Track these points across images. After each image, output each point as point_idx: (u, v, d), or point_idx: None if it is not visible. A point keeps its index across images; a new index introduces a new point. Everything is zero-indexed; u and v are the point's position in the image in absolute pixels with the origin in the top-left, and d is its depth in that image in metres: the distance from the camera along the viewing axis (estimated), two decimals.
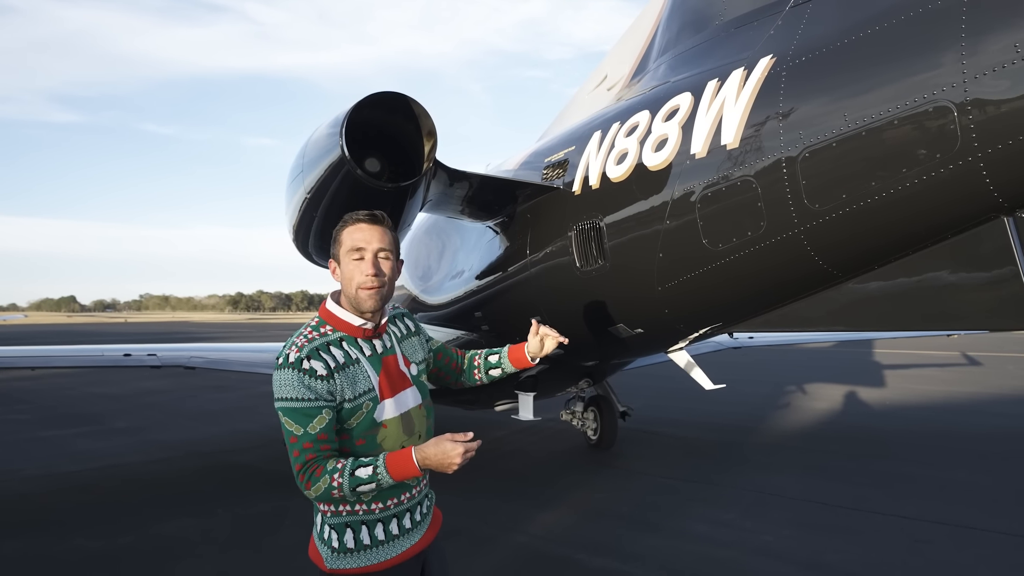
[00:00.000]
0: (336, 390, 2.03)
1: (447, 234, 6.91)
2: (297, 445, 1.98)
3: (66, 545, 5.32)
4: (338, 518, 2.09)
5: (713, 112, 3.29)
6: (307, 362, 2.01)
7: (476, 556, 5.04)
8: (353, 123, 4.11)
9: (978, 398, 12.85)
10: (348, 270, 2.12)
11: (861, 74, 2.63)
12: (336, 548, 2.08)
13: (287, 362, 2.02)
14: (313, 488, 1.98)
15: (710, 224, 3.32)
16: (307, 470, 1.98)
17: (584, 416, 8.64)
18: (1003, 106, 2.23)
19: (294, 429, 1.99)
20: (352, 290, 2.12)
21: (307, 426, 1.98)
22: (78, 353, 8.56)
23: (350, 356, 2.09)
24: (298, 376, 1.99)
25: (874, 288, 2.96)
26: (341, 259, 2.15)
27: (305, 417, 1.98)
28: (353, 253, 2.12)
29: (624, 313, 4.26)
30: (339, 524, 2.09)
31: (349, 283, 2.13)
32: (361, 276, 2.10)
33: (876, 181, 2.61)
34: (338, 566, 2.08)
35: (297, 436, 1.98)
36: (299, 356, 2.01)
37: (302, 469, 1.98)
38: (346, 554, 2.07)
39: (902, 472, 7.36)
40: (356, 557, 2.08)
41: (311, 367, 2.00)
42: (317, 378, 2.00)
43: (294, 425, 1.99)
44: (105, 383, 16.32)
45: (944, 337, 23.68)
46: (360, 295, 2.11)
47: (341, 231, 2.18)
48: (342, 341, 2.11)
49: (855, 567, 4.77)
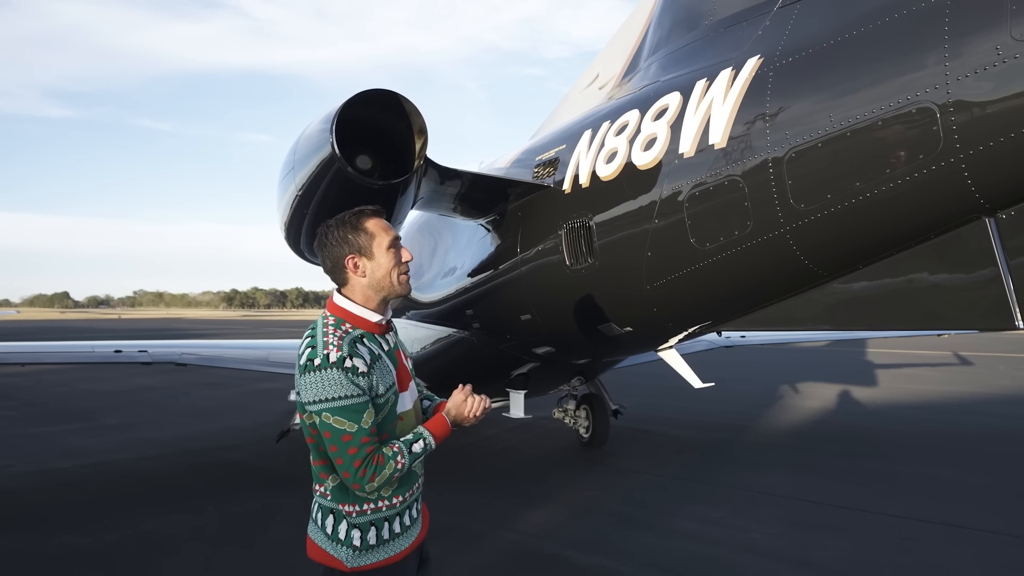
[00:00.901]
0: (373, 386, 2.06)
1: (439, 232, 6.92)
2: (354, 442, 1.99)
3: (53, 542, 5.31)
4: (363, 517, 2.12)
5: (701, 112, 3.30)
6: (350, 360, 2.01)
7: (465, 553, 5.05)
8: (344, 120, 4.11)
9: (969, 398, 12.93)
10: (386, 260, 2.15)
11: (846, 75, 2.65)
12: (358, 547, 2.11)
13: (328, 362, 1.99)
14: (378, 478, 2.01)
15: (698, 223, 3.33)
16: (370, 462, 2.00)
17: (576, 414, 8.65)
18: (985, 108, 2.24)
19: (347, 427, 1.98)
20: (392, 279, 2.16)
21: (360, 421, 1.99)
22: (69, 349, 8.53)
23: (374, 352, 2.12)
24: (344, 375, 1.99)
25: (859, 288, 2.98)
26: (375, 251, 2.16)
27: (357, 413, 1.99)
28: (392, 243, 2.17)
29: (613, 311, 4.27)
30: (364, 523, 2.12)
31: (387, 273, 2.16)
32: (402, 264, 2.18)
33: (860, 181, 2.62)
34: (361, 563, 2.11)
35: (352, 433, 1.99)
36: (341, 355, 2.00)
37: (363, 463, 1.99)
38: (369, 551, 2.12)
39: (892, 471, 7.41)
40: (378, 552, 2.13)
41: (354, 365, 2.01)
42: (359, 375, 2.01)
43: (347, 423, 1.98)
44: (97, 380, 16.27)
45: (935, 337, 23.79)
46: (403, 280, 2.19)
47: (365, 223, 2.17)
48: (363, 338, 2.13)
49: (843, 565, 4.81)
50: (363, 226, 2.17)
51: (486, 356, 6.10)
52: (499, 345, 5.84)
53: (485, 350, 5.99)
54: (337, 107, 4.07)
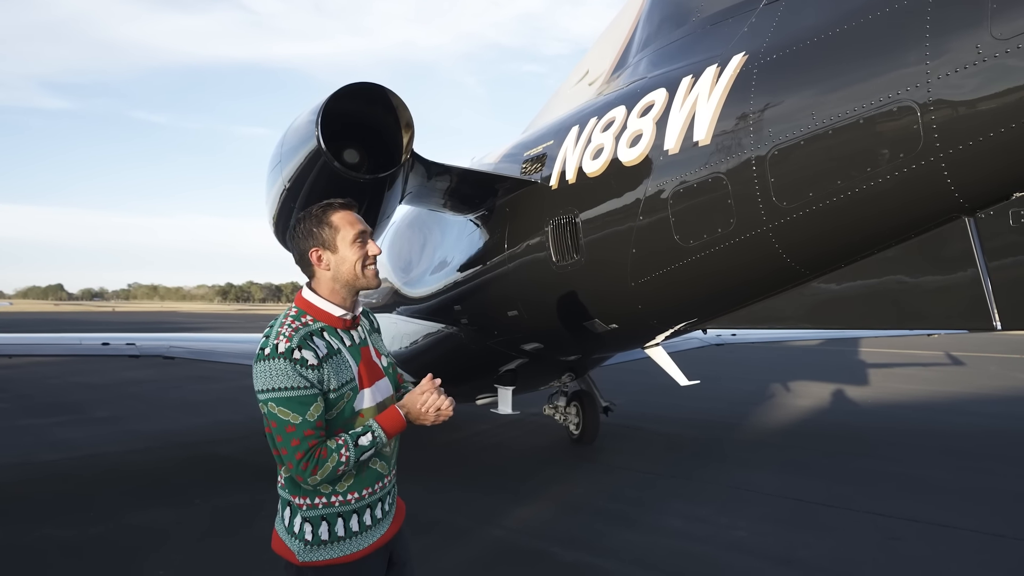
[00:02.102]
0: (324, 380, 2.02)
1: (429, 227, 6.90)
2: (297, 433, 1.96)
3: (34, 535, 5.28)
4: (314, 511, 2.08)
5: (686, 109, 3.29)
6: (298, 352, 1.99)
7: (450, 548, 5.05)
8: (332, 114, 4.09)
9: (959, 397, 12.98)
10: (351, 253, 2.14)
11: (829, 73, 2.64)
12: (310, 541, 2.07)
13: (276, 352, 1.98)
14: (320, 471, 1.97)
15: (682, 220, 3.32)
16: (312, 455, 1.96)
17: (567, 411, 8.66)
18: (964, 107, 2.24)
19: (291, 418, 1.96)
20: (357, 271, 2.15)
21: (305, 413, 1.97)
22: (56, 342, 8.49)
23: (332, 346, 2.10)
24: (291, 366, 1.97)
25: (842, 287, 2.97)
26: (338, 244, 2.15)
27: (302, 405, 1.97)
28: (356, 236, 2.15)
29: (599, 308, 4.27)
30: (315, 517, 2.08)
31: (352, 266, 2.14)
32: (368, 256, 2.16)
33: (842, 180, 2.62)
34: (312, 558, 2.07)
35: (296, 424, 1.96)
36: (290, 346, 1.99)
37: (305, 456, 1.96)
38: (320, 546, 2.07)
39: (879, 470, 7.42)
40: (330, 548, 2.08)
41: (302, 356, 1.99)
42: (308, 367, 1.99)
43: (291, 414, 1.96)
44: (87, 372, 16.21)
45: (927, 337, 23.88)
46: (368, 273, 2.17)
47: (330, 216, 2.17)
48: (323, 331, 2.11)
49: (825, 562, 4.82)
50: (328, 219, 2.16)
51: (474, 352, 6.10)
52: (487, 341, 5.83)
53: (473, 346, 5.98)
54: (323, 100, 4.05)
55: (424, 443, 8.84)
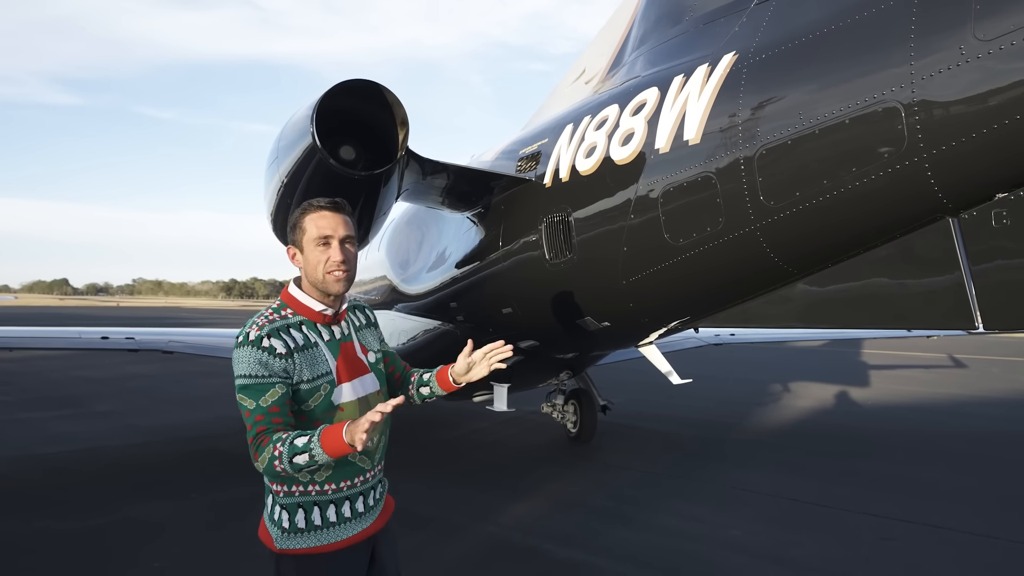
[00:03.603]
0: (293, 370, 2.06)
1: (426, 224, 6.92)
2: (250, 419, 2.00)
3: (33, 527, 5.33)
4: (290, 498, 2.10)
5: (677, 108, 3.30)
6: (267, 340, 2.05)
7: (444, 545, 5.07)
8: (328, 110, 4.11)
9: (960, 400, 12.94)
10: (314, 257, 2.16)
11: (816, 73, 2.65)
12: (287, 528, 2.09)
13: (247, 340, 2.05)
14: (260, 459, 1.97)
15: (672, 219, 3.33)
16: (257, 441, 1.98)
17: (564, 409, 8.67)
18: (948, 108, 2.24)
19: (248, 404, 2.01)
20: (319, 276, 2.16)
21: (259, 400, 2.00)
22: (56, 335, 8.53)
23: (309, 339, 2.13)
24: (256, 353, 2.03)
25: (829, 286, 2.99)
26: (304, 246, 2.18)
27: (258, 392, 2.01)
28: (319, 241, 2.16)
29: (591, 306, 4.28)
30: (291, 504, 2.10)
31: (315, 269, 2.16)
32: (330, 263, 2.15)
33: (828, 179, 2.63)
34: (288, 546, 2.09)
35: (251, 411, 2.01)
36: (259, 335, 2.05)
37: (253, 441, 1.99)
38: (297, 534, 2.09)
39: (877, 471, 7.42)
40: (306, 537, 2.09)
41: (271, 345, 2.04)
42: (276, 356, 2.03)
43: (248, 400, 2.01)
44: (89, 367, 16.28)
45: (927, 339, 23.80)
46: (328, 280, 2.16)
47: (302, 218, 2.20)
48: (302, 325, 2.15)
49: (818, 562, 4.82)
50: (300, 221, 2.21)
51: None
52: (482, 338, 5.83)
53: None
54: (318, 97, 4.07)
55: (421, 440, 8.87)
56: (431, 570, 4.61)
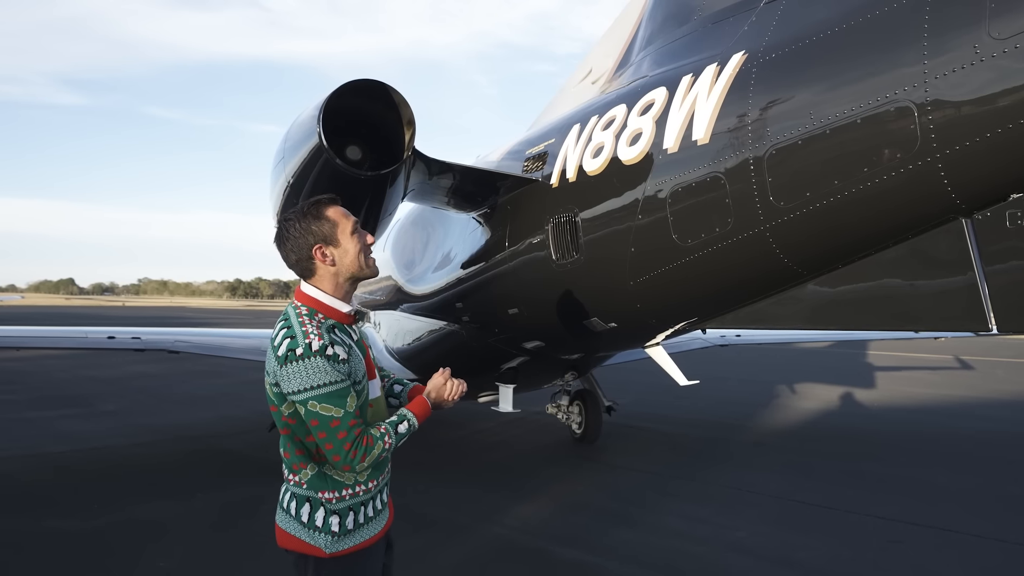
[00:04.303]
0: (352, 372, 2.11)
1: (432, 225, 6.91)
2: (342, 426, 2.02)
3: (39, 526, 5.33)
4: (343, 503, 2.16)
5: (686, 107, 3.28)
6: (331, 348, 2.05)
7: (449, 546, 5.06)
8: (334, 110, 4.10)
9: (966, 401, 12.88)
10: (352, 246, 2.18)
11: (827, 72, 2.63)
12: (337, 532, 2.14)
13: (311, 351, 2.02)
14: (368, 458, 2.06)
15: (680, 220, 3.32)
16: (359, 444, 2.04)
17: (569, 410, 8.65)
18: (961, 108, 2.22)
19: (334, 412, 2.02)
20: (361, 262, 2.19)
21: (346, 406, 2.03)
22: (63, 335, 8.56)
23: (344, 342, 2.15)
24: (327, 363, 2.02)
25: (839, 287, 2.96)
26: (339, 238, 2.17)
27: (341, 398, 2.03)
28: (355, 228, 2.19)
29: (598, 307, 4.26)
30: (343, 508, 2.16)
31: (354, 258, 2.18)
32: (366, 247, 2.21)
33: (839, 180, 2.61)
34: (340, 548, 2.14)
35: (339, 418, 2.02)
36: (323, 344, 2.04)
37: (353, 446, 2.03)
38: (347, 535, 2.16)
39: (883, 473, 7.38)
40: (355, 536, 2.17)
41: (335, 352, 2.05)
42: (340, 362, 2.06)
43: (334, 409, 2.02)
44: (95, 366, 16.32)
45: (934, 340, 23.67)
46: (371, 262, 2.23)
47: (326, 211, 2.19)
48: (334, 328, 2.15)
49: (824, 564, 4.80)
50: (325, 215, 2.17)
51: (475, 349, 6.10)
52: (488, 339, 5.84)
53: (474, 343, 5.99)
54: (325, 97, 4.07)
55: (428, 441, 8.87)
56: (437, 571, 4.60)
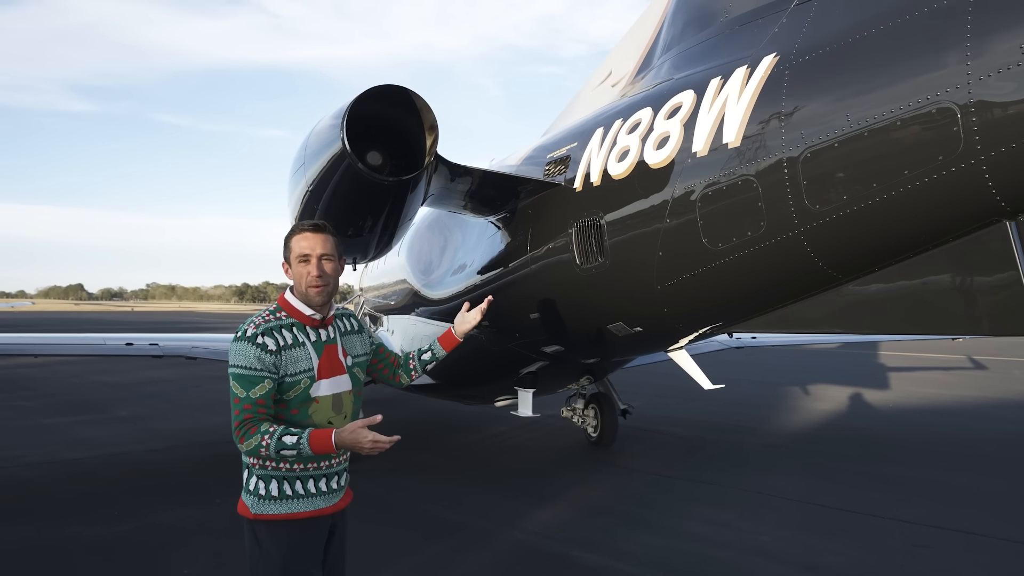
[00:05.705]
0: (280, 365, 2.41)
1: (449, 229, 6.89)
2: (239, 406, 2.35)
3: (63, 532, 5.35)
4: (264, 471, 2.45)
5: (715, 110, 3.26)
6: (260, 338, 2.40)
7: (473, 551, 5.05)
8: (355, 116, 4.10)
9: (983, 402, 12.78)
10: (297, 272, 2.55)
11: (864, 74, 2.60)
12: (262, 496, 2.44)
13: (244, 336, 2.41)
14: (245, 443, 2.33)
15: (710, 223, 3.29)
16: (243, 428, 2.33)
17: (584, 413, 8.62)
18: (1007, 109, 2.19)
19: (238, 392, 2.36)
20: (303, 288, 2.54)
21: (249, 391, 2.35)
22: (81, 342, 8.60)
23: (297, 339, 2.49)
24: (251, 348, 2.38)
25: (874, 290, 2.93)
26: (291, 261, 2.58)
27: (249, 383, 2.35)
28: (301, 258, 2.54)
29: (623, 311, 4.24)
30: (265, 476, 2.45)
31: (299, 282, 2.55)
32: (309, 278, 2.52)
33: (877, 182, 2.57)
34: (262, 511, 2.44)
35: (240, 398, 2.35)
36: (255, 332, 2.41)
37: (239, 426, 2.33)
38: (270, 501, 2.44)
39: (904, 475, 7.32)
40: (278, 505, 2.44)
41: (263, 342, 2.40)
42: (267, 352, 2.39)
43: (239, 389, 2.36)
44: (109, 372, 16.40)
45: (949, 341, 23.49)
46: (310, 293, 2.54)
47: (290, 239, 2.60)
48: (292, 326, 2.52)
49: (851, 569, 4.75)
50: (288, 241, 2.61)
51: (495, 354, 6.08)
52: (508, 343, 5.82)
53: (494, 348, 5.97)
54: (348, 102, 4.06)
55: (445, 445, 8.87)
56: None
